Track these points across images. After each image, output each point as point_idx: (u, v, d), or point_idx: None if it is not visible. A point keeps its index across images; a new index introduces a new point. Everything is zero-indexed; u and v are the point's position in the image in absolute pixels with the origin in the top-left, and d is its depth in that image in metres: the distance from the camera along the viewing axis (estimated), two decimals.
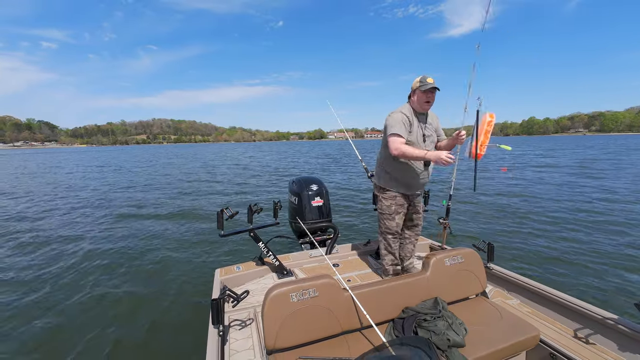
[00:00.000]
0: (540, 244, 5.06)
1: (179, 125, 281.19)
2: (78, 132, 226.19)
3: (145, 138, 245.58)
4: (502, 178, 12.41)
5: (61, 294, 3.53)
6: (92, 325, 2.93)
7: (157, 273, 4.04)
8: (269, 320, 1.42)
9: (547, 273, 4.00)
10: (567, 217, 6.75)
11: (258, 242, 2.64)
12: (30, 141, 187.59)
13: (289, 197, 3.43)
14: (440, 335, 1.49)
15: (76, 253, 4.83)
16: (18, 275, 4.10)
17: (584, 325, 1.81)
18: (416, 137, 2.30)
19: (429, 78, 2.25)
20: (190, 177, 15.06)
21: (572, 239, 5.28)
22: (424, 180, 2.41)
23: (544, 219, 6.61)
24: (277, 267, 2.69)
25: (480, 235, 5.47)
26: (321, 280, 1.55)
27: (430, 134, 2.35)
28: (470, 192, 9.92)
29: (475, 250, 2.00)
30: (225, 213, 2.41)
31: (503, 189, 10.39)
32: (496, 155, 25.07)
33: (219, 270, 2.61)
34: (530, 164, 18.02)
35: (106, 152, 66.72)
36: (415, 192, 2.47)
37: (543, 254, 4.64)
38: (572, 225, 6.06)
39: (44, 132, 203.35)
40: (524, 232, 5.75)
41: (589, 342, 1.71)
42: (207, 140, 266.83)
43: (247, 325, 1.93)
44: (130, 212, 7.71)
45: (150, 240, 5.33)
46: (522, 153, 28.79)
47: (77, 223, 6.73)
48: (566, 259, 4.41)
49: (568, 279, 3.85)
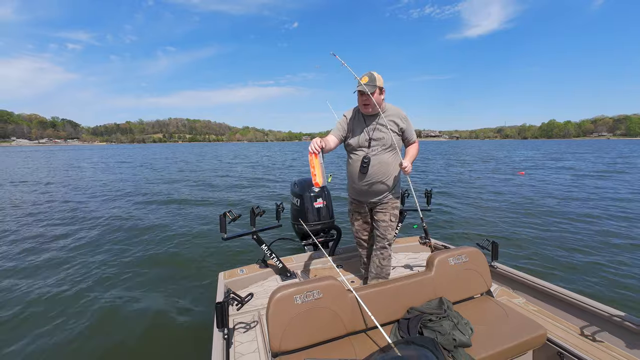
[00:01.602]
0: (545, 242, 5.02)
1: (194, 124, 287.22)
2: (98, 130, 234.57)
3: (162, 137, 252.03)
4: (506, 180, 12.08)
5: (63, 297, 3.49)
6: (94, 329, 2.91)
7: (160, 277, 4.00)
8: (274, 323, 1.42)
9: (552, 271, 3.96)
10: (573, 214, 6.75)
11: (261, 244, 2.62)
12: (54, 138, 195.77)
13: (291, 199, 3.42)
14: (446, 336, 1.50)
15: (75, 252, 4.77)
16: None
17: (591, 323, 1.78)
18: (358, 140, 2.11)
19: (364, 77, 2.03)
20: (199, 177, 14.94)
21: (577, 236, 5.26)
22: (365, 187, 2.15)
23: (547, 216, 6.61)
24: (280, 270, 2.69)
25: (484, 234, 5.47)
26: (325, 281, 1.54)
27: (381, 137, 2.07)
28: (475, 191, 9.92)
29: (479, 249, 1.98)
30: (227, 216, 2.40)
31: (507, 189, 10.35)
32: (512, 159, 24.48)
33: (222, 273, 2.60)
34: (545, 166, 17.58)
35: (126, 149, 68.01)
36: (368, 199, 2.20)
37: (548, 251, 4.59)
38: (577, 223, 6.05)
39: (67, 130, 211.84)
40: (528, 229, 5.74)
41: (596, 339, 1.68)
42: (221, 140, 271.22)
43: (252, 328, 1.93)
44: (132, 214, 7.54)
45: (152, 244, 5.30)
46: (533, 155, 27.96)
47: (78, 222, 6.61)
48: (571, 256, 4.38)
49: (574, 276, 3.81)
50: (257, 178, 14.44)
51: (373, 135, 2.08)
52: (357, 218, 2.35)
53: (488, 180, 12.39)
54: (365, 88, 1.98)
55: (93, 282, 3.87)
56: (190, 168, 20.46)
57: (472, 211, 7.40)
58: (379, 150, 2.08)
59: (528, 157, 27.28)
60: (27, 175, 16.42)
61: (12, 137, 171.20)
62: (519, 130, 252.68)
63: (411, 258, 3.03)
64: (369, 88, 1.99)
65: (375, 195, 2.17)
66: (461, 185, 11.30)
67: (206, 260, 4.51)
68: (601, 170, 15.26)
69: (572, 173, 14.63)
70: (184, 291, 3.60)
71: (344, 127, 2.16)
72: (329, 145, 2.01)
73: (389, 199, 2.19)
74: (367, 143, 2.09)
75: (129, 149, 78.68)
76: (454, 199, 8.80)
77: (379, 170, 2.10)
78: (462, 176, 14.12)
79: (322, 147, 1.84)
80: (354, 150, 2.15)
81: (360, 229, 2.37)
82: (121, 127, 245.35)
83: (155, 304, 3.33)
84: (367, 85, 1.99)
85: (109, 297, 3.50)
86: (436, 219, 6.66)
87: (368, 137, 2.08)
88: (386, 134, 2.06)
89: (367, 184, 2.13)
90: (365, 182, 2.13)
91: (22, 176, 15.90)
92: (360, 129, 2.11)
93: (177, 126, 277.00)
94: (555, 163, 20.32)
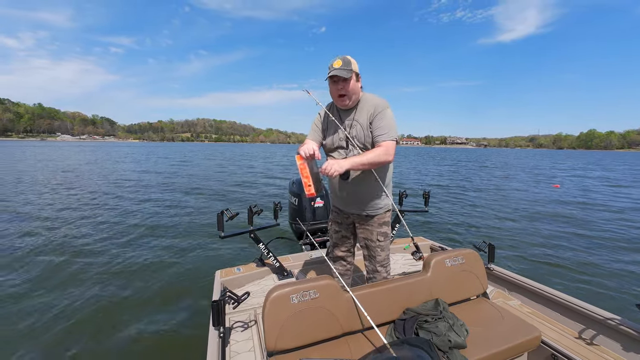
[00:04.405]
0: (541, 245, 5.06)
1: (220, 125, 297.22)
2: (132, 128, 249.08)
3: (189, 136, 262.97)
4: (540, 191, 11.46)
5: (56, 295, 3.46)
6: (88, 326, 2.87)
7: (157, 274, 3.97)
8: (270, 322, 1.41)
9: (547, 274, 3.98)
10: (569, 218, 6.86)
11: (258, 243, 2.63)
12: (93, 135, 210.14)
13: (289, 198, 3.43)
14: (442, 337, 1.50)
15: (74, 252, 4.72)
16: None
17: (586, 326, 1.81)
18: (333, 140, 1.80)
19: (336, 60, 1.65)
20: (205, 177, 15.05)
21: (573, 240, 5.33)
22: (346, 196, 1.85)
23: (544, 220, 6.70)
24: (277, 269, 2.69)
25: (481, 236, 5.52)
26: (321, 281, 1.53)
27: (358, 134, 1.73)
28: (473, 193, 9.74)
29: (475, 251, 1.96)
30: (225, 214, 2.39)
31: (507, 193, 10.38)
32: (544, 171, 23.29)
33: (219, 271, 2.59)
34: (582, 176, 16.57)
35: (160, 147, 71.03)
36: (351, 210, 1.89)
37: (544, 254, 4.65)
38: (574, 227, 6.15)
39: (104, 127, 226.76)
40: (525, 232, 5.82)
41: (590, 343, 1.70)
42: (245, 141, 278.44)
43: (248, 327, 1.93)
44: (131, 210, 7.60)
45: (149, 241, 5.29)
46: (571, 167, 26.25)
47: (78, 221, 6.56)
48: (567, 260, 4.43)
49: (569, 279, 3.84)
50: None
51: (351, 133, 1.74)
52: (335, 229, 2.04)
53: (522, 194, 11.93)
54: (340, 72, 1.60)
55: (84, 279, 3.83)
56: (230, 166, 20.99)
57: (468, 213, 7.49)
58: (359, 151, 1.71)
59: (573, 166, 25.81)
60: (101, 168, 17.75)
61: (58, 133, 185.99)
62: (554, 139, 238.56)
63: (408, 259, 3.01)
64: (343, 73, 1.60)
65: (358, 206, 1.85)
66: (492, 193, 10.95)
67: (203, 258, 4.51)
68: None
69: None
70: (180, 288, 3.60)
71: (319, 127, 1.86)
72: (317, 153, 1.67)
73: (376, 212, 1.85)
74: (345, 143, 1.76)
75: (162, 146, 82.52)
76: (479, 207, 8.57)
77: (362, 177, 1.76)
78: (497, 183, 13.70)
79: (314, 153, 1.61)
80: (330, 152, 1.85)
81: (339, 242, 2.05)
82: (153, 125, 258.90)
83: (151, 301, 3.33)
84: (341, 69, 1.61)
85: (101, 294, 3.47)
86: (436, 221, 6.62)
87: (345, 135, 1.74)
88: (365, 131, 1.71)
89: (347, 192, 1.83)
90: (346, 191, 1.83)
91: (110, 171, 17.21)
92: (336, 127, 1.77)
93: (204, 126, 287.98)
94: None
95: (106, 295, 3.44)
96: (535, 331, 1.54)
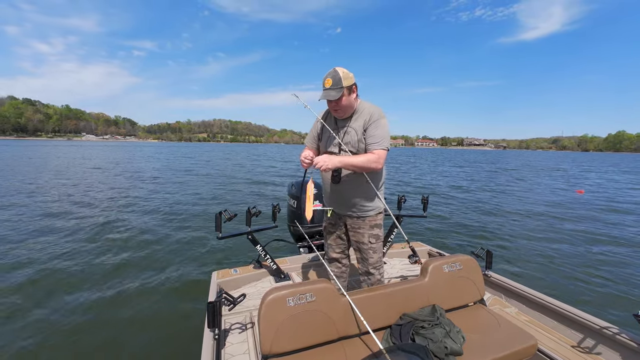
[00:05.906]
0: (540, 253, 5.03)
1: (236, 125, 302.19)
2: (152, 128, 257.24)
3: (206, 136, 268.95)
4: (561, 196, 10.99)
5: (50, 295, 3.41)
6: (82, 327, 2.85)
7: (152, 274, 3.94)
8: (265, 325, 1.40)
9: (545, 282, 3.97)
10: (567, 227, 6.73)
11: (256, 245, 2.61)
12: (115, 135, 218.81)
13: (288, 201, 3.41)
14: (438, 343, 1.49)
15: (73, 251, 4.68)
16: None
17: (583, 335, 1.79)
18: (325, 145, 1.91)
19: (327, 79, 1.71)
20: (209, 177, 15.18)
21: (572, 249, 5.26)
22: (337, 198, 1.92)
23: (543, 228, 6.60)
24: (274, 271, 2.67)
25: (479, 243, 5.45)
26: (318, 284, 1.53)
27: (351, 140, 1.81)
28: (468, 199, 9.51)
29: (473, 258, 1.94)
30: (223, 215, 2.38)
31: (504, 201, 10.05)
32: (567, 177, 22.32)
33: (215, 273, 2.57)
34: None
35: (182, 147, 72.01)
36: (344, 212, 1.94)
37: (542, 262, 4.63)
38: (572, 236, 6.05)
39: (126, 128, 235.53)
40: (523, 240, 5.75)
41: (587, 351, 1.69)
42: (260, 141, 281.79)
43: (243, 329, 1.92)
44: (130, 209, 7.63)
45: (144, 240, 5.23)
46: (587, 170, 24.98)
47: (77, 219, 6.57)
48: (564, 268, 4.41)
49: (566, 288, 3.83)
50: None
51: (344, 140, 1.83)
52: (330, 231, 2.10)
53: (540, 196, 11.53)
54: (328, 95, 1.70)
55: (81, 278, 3.82)
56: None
57: (464, 219, 7.34)
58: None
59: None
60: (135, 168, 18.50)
61: (83, 133, 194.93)
62: (579, 141, 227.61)
63: (405, 264, 2.99)
64: (331, 95, 1.69)
65: (349, 208, 1.91)
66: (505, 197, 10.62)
67: (199, 259, 4.49)
68: None
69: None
70: (176, 289, 3.58)
71: (315, 133, 1.99)
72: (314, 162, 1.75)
73: (367, 213, 1.90)
74: (337, 149, 1.86)
75: (182, 147, 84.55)
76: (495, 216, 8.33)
77: (354, 179, 1.84)
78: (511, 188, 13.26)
79: (311, 161, 1.69)
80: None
81: (334, 243, 2.11)
82: (172, 126, 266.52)
83: (146, 301, 3.32)
84: (330, 90, 1.70)
85: (96, 293, 3.45)
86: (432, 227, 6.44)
87: (339, 141, 1.84)
88: (359, 137, 1.80)
89: (339, 195, 1.91)
90: (337, 194, 1.91)
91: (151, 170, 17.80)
92: (330, 133, 1.88)
93: (220, 127, 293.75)
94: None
95: (100, 294, 3.43)
96: (531, 339, 1.53)
